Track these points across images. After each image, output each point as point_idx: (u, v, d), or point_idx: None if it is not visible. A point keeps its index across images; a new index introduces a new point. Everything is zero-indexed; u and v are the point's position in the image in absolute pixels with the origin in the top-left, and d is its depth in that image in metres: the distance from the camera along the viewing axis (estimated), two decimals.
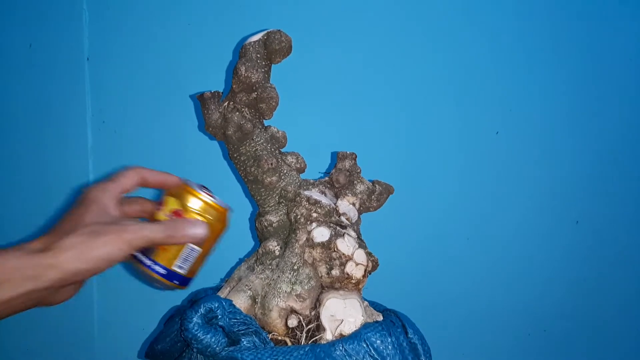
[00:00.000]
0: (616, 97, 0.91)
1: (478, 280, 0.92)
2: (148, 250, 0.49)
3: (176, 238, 0.47)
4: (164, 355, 0.58)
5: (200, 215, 0.51)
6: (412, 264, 0.89)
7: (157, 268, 0.50)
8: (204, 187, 0.54)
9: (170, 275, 0.50)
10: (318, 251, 0.56)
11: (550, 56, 0.88)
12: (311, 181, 0.63)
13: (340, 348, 0.50)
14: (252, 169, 0.59)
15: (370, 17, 0.82)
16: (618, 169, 0.93)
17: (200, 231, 0.48)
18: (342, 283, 0.56)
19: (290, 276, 0.56)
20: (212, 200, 0.52)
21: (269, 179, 0.59)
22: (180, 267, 0.50)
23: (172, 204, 0.51)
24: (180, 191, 0.52)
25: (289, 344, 0.54)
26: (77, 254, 0.41)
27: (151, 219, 0.52)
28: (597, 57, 0.90)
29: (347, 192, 0.62)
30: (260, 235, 0.63)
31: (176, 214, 0.50)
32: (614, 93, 0.91)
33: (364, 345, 0.50)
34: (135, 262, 0.51)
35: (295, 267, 0.56)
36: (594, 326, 0.97)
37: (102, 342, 0.86)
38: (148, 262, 0.50)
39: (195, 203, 0.51)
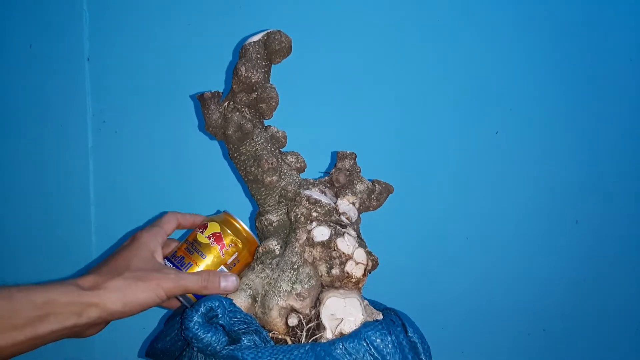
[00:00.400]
0: (616, 97, 0.92)
1: (478, 280, 0.92)
2: (183, 264, 0.56)
3: (209, 290, 0.53)
4: (165, 354, 0.58)
5: (235, 241, 0.58)
6: (412, 263, 0.89)
7: None
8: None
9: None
10: (318, 250, 0.56)
11: (550, 56, 0.88)
12: (311, 181, 0.63)
13: (341, 347, 0.50)
14: (252, 169, 0.59)
15: (370, 17, 0.83)
16: (618, 169, 0.94)
17: (231, 285, 0.54)
18: (342, 282, 0.56)
19: (290, 275, 0.56)
20: (248, 231, 0.59)
21: (269, 179, 0.59)
22: None
23: (213, 227, 0.58)
24: (223, 217, 0.59)
25: (289, 342, 0.54)
26: (120, 297, 0.45)
27: (192, 238, 0.58)
28: (597, 57, 0.90)
29: (347, 191, 0.62)
30: (260, 235, 0.63)
31: (215, 236, 0.57)
32: (614, 93, 0.91)
33: (364, 344, 0.50)
34: None
35: (296, 266, 0.56)
36: (593, 326, 0.97)
37: (102, 342, 0.86)
38: None
39: (233, 230, 0.58)
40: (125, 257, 0.50)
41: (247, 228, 0.59)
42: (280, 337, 0.55)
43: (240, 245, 0.58)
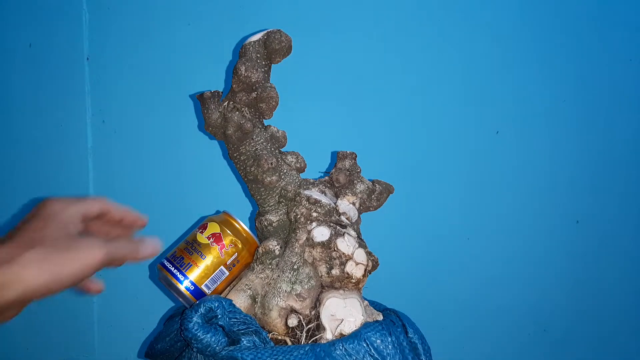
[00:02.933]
0: (616, 96, 0.91)
1: (478, 280, 0.92)
2: (183, 265, 0.56)
3: (138, 255, 0.46)
4: (164, 355, 0.58)
5: (235, 242, 0.57)
6: (412, 263, 0.89)
7: (188, 283, 0.55)
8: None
9: (197, 292, 0.56)
10: (318, 250, 0.56)
11: (551, 55, 0.88)
12: (311, 180, 0.63)
13: (341, 347, 0.50)
14: (252, 169, 0.59)
15: (370, 16, 0.83)
16: (618, 169, 0.93)
17: (156, 247, 0.47)
18: (342, 282, 0.56)
19: (290, 275, 0.56)
20: (250, 233, 0.59)
21: (268, 179, 0.59)
22: (207, 287, 0.56)
23: (213, 228, 0.58)
24: (222, 217, 0.59)
25: (289, 343, 0.54)
26: (43, 270, 0.38)
27: (192, 238, 0.58)
28: (597, 57, 0.90)
29: (347, 191, 0.62)
30: (260, 235, 0.63)
31: (215, 237, 0.57)
32: (615, 93, 0.91)
33: (364, 345, 0.50)
34: (165, 273, 0.56)
35: (295, 267, 0.56)
36: (594, 326, 0.97)
37: (102, 342, 0.86)
38: (180, 277, 0.55)
39: (233, 230, 0.58)
40: (34, 227, 0.42)
41: (247, 228, 0.59)
42: (280, 337, 0.55)
43: (240, 246, 0.58)
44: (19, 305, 0.39)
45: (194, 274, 0.56)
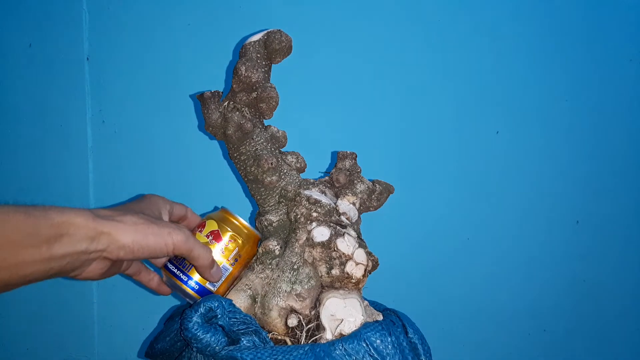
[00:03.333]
0: (616, 96, 0.91)
1: (478, 280, 0.92)
2: (185, 266, 0.56)
3: (205, 267, 0.53)
4: (164, 355, 0.58)
5: (235, 237, 0.57)
6: (413, 263, 0.89)
7: (192, 283, 0.56)
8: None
9: (202, 291, 0.56)
10: (318, 251, 0.56)
11: (550, 55, 0.88)
12: (311, 180, 0.63)
13: (340, 347, 0.50)
14: (252, 169, 0.59)
15: (370, 16, 0.83)
16: (618, 169, 0.93)
17: (219, 276, 0.56)
18: (342, 282, 0.56)
19: (290, 275, 0.56)
20: (247, 225, 0.59)
21: (268, 179, 0.59)
22: (212, 285, 0.56)
23: (211, 225, 0.58)
24: (220, 214, 0.59)
25: (289, 343, 0.54)
26: (131, 232, 0.44)
27: None
28: (597, 57, 0.90)
29: (347, 191, 0.62)
30: (260, 235, 0.63)
31: (214, 234, 0.57)
32: (614, 93, 0.91)
33: (364, 345, 0.50)
34: (169, 275, 0.57)
35: (295, 267, 0.56)
36: (594, 326, 0.97)
37: (102, 342, 0.86)
38: (184, 277, 0.56)
39: (232, 226, 0.58)
40: (139, 205, 0.52)
41: (245, 222, 0.59)
42: (279, 337, 0.55)
43: (240, 241, 0.58)
44: (106, 261, 0.45)
45: (196, 274, 0.56)
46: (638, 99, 0.92)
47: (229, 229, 0.57)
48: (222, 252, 0.57)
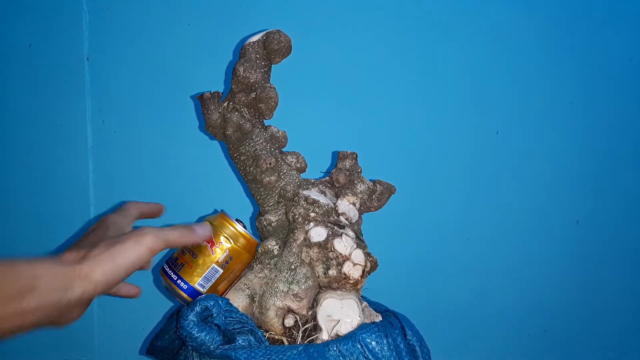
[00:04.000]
0: (616, 96, 0.91)
1: (478, 281, 0.92)
2: (177, 266, 0.57)
3: (188, 237, 0.50)
4: (163, 352, 0.58)
5: (232, 241, 0.57)
6: (413, 263, 0.89)
7: (181, 283, 0.56)
8: (240, 220, 0.60)
9: (191, 291, 0.56)
10: (315, 251, 0.56)
11: (551, 55, 0.88)
12: (311, 181, 0.63)
13: (334, 348, 0.49)
14: (251, 169, 0.59)
15: (370, 16, 0.82)
16: (618, 169, 0.93)
17: (206, 231, 0.52)
18: (340, 283, 0.56)
19: (287, 276, 0.56)
20: (244, 231, 0.58)
21: (267, 179, 0.59)
22: (201, 286, 0.56)
23: None
24: (217, 219, 0.58)
25: (286, 343, 0.54)
26: (98, 265, 0.43)
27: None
28: (597, 57, 0.90)
29: (348, 191, 0.62)
30: (260, 235, 0.63)
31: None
32: (614, 93, 0.91)
33: (359, 346, 0.50)
34: (163, 277, 0.58)
35: (293, 267, 0.56)
36: (594, 326, 0.97)
37: (102, 341, 0.86)
38: (174, 277, 0.56)
39: (228, 230, 0.58)
40: (97, 234, 0.50)
41: (241, 228, 0.59)
42: (276, 337, 0.55)
43: (232, 244, 0.57)
44: (85, 302, 0.43)
45: (186, 274, 0.56)
46: (638, 99, 0.92)
47: (221, 231, 0.57)
48: (212, 253, 0.57)
